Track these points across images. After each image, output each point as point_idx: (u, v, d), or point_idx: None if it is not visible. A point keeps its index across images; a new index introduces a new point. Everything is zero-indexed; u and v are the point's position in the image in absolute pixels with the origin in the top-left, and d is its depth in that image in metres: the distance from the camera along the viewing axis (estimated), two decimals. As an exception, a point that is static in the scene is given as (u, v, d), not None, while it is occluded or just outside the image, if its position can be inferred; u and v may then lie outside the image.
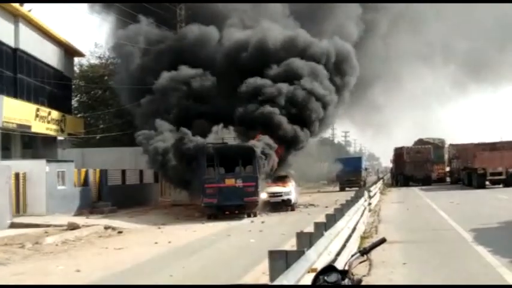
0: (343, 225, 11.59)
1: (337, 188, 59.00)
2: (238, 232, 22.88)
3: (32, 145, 35.76)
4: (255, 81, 33.17)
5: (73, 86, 45.31)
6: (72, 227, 23.53)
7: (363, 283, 4.67)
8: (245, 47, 34.60)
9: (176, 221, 28.52)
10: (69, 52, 39.78)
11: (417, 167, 59.63)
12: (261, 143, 30.38)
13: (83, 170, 33.17)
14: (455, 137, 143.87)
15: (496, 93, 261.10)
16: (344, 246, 10.99)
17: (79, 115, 47.13)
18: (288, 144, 33.36)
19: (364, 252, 4.92)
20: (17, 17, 31.88)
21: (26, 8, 33.48)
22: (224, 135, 32.31)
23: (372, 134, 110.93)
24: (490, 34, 53.03)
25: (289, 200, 32.49)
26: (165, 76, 34.42)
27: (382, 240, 5.19)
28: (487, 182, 47.00)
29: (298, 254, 6.56)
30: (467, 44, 53.64)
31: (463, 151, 53.71)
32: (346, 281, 4.47)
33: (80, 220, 25.82)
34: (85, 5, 43.41)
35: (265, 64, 33.75)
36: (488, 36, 53.37)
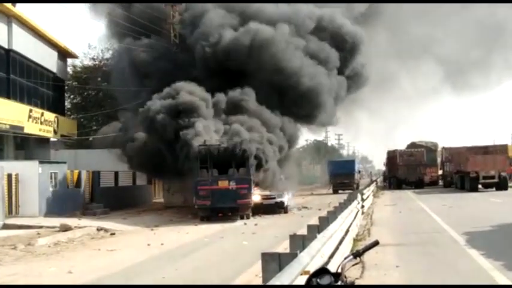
0: (336, 228, 11.59)
1: (331, 191, 59.03)
2: (231, 234, 22.86)
3: (25, 146, 35.68)
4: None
5: (66, 87, 45.22)
6: (65, 228, 23.47)
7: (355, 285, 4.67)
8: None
9: (169, 222, 28.48)
10: (62, 53, 39.72)
11: (410, 170, 59.72)
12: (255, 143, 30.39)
13: (76, 172, 33.10)
14: (448, 140, 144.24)
15: (487, 95, 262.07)
16: (337, 248, 10.99)
17: (72, 116, 47.04)
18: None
19: (357, 254, 4.92)
20: (10, 18, 31.78)
21: (17, 8, 33.37)
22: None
23: (355, 132, 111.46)
24: (477, 35, 53.49)
25: (282, 203, 32.48)
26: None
27: (375, 243, 5.18)
28: (480, 186, 47.08)
29: (291, 256, 6.56)
30: (453, 45, 54.04)
31: (455, 154, 53.79)
32: (339, 284, 4.47)
33: (72, 222, 25.74)
34: (78, 6, 43.27)
35: None
36: (475, 38, 53.82)
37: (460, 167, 50.66)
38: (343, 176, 58.63)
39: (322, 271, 4.56)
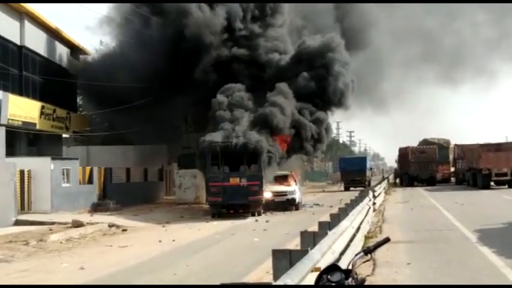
0: (347, 225, 11.57)
1: (342, 188, 58.96)
2: (242, 231, 22.89)
3: (37, 143, 35.78)
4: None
5: (78, 84, 45.31)
6: (77, 224, 23.55)
7: (367, 283, 4.66)
8: None
9: (180, 219, 28.54)
10: (74, 50, 39.82)
11: (422, 167, 59.49)
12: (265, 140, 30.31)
13: (88, 168, 33.23)
14: (460, 137, 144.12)
15: (500, 92, 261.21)
16: (348, 245, 10.98)
17: (84, 113, 47.13)
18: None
19: (368, 251, 4.91)
20: (22, 15, 31.93)
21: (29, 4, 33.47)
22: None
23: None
24: (482, 32, 53.50)
25: (293, 200, 32.47)
26: None
27: (386, 240, 5.17)
28: (492, 183, 46.84)
29: (301, 253, 6.57)
30: (456, 40, 54.02)
31: (468, 151, 53.57)
32: (350, 281, 4.46)
33: (84, 218, 25.84)
34: (90, 4, 43.02)
35: None
36: (481, 34, 53.81)
37: (472, 164, 50.46)
38: (354, 173, 58.56)
39: (333, 268, 4.56)
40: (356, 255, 4.87)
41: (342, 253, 9.72)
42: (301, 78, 33.95)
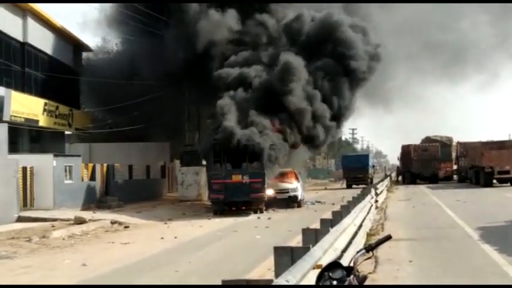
0: (349, 222, 11.58)
1: (344, 185, 58.95)
2: (244, 228, 22.89)
3: (40, 139, 35.82)
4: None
5: (81, 81, 45.31)
6: (79, 221, 23.60)
7: (368, 280, 4.67)
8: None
9: (183, 216, 28.55)
10: (77, 47, 39.84)
11: (424, 164, 59.43)
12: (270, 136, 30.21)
13: (90, 165, 33.23)
14: (462, 135, 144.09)
15: (504, 89, 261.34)
16: (350, 243, 10.99)
17: (86, 110, 47.14)
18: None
19: (369, 248, 4.92)
20: (25, 12, 31.95)
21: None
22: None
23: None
24: (484, 31, 53.46)
25: (295, 197, 32.45)
26: None
27: (388, 237, 5.18)
28: (494, 181, 46.83)
29: (303, 250, 6.58)
30: (459, 38, 53.97)
31: (470, 149, 53.50)
32: (351, 278, 4.47)
33: (86, 215, 25.89)
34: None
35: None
36: (483, 33, 53.76)
37: (474, 162, 50.39)
38: (357, 170, 58.47)
39: (335, 265, 4.57)
40: (358, 252, 4.88)
41: (344, 250, 9.73)
42: (319, 62, 33.73)
